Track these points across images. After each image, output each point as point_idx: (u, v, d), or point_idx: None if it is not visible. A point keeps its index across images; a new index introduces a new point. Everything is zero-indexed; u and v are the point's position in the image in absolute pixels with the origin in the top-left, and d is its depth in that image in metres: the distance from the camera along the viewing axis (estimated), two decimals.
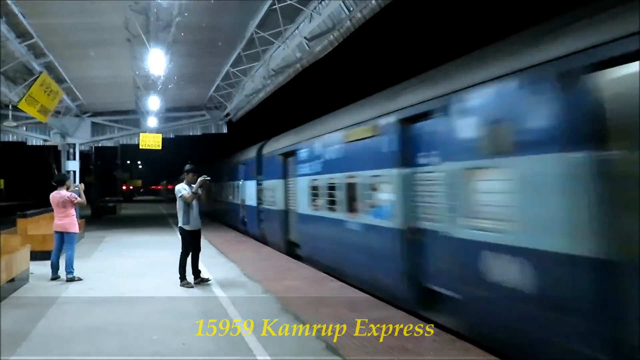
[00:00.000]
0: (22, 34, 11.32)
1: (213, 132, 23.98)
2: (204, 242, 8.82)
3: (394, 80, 7.80)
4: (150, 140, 21.38)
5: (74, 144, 20.64)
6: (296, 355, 4.92)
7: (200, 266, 8.68)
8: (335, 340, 5.33)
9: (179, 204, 8.43)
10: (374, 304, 7.04)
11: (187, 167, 8.59)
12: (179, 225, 8.48)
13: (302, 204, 11.29)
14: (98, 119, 21.66)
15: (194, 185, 8.41)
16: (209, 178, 8.40)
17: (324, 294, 7.67)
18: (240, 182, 18.31)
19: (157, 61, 11.38)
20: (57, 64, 13.62)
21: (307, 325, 5.89)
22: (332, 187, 9.38)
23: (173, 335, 5.54)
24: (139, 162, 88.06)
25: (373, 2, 9.75)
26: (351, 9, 10.45)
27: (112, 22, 10.81)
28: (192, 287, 8.19)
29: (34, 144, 21.96)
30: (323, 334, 5.55)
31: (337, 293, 7.74)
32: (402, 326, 5.81)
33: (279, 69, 15.13)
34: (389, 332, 5.61)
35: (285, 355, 4.89)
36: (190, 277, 8.40)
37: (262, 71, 15.69)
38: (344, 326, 5.83)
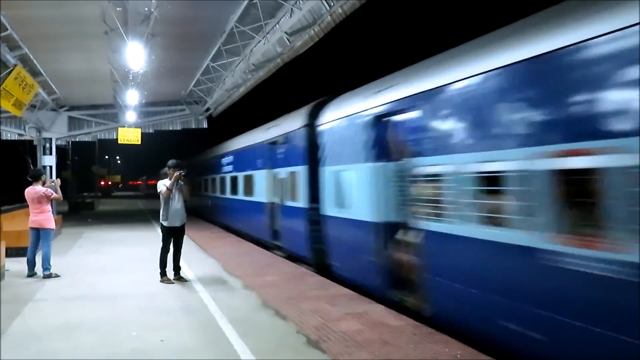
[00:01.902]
0: None
1: (193, 127, 23.79)
2: (184, 238, 8.76)
3: (374, 75, 7.86)
4: (129, 135, 21.07)
5: (50, 139, 20.24)
6: (277, 350, 4.93)
7: (181, 262, 8.62)
8: (315, 334, 5.35)
9: (160, 200, 8.39)
10: (355, 298, 7.09)
11: (170, 162, 8.53)
12: (160, 221, 8.46)
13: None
14: (75, 113, 21.28)
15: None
16: (183, 173, 8.37)
17: (304, 288, 7.69)
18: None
19: (135, 54, 11.20)
20: (32, 56, 13.32)
21: (288, 320, 5.91)
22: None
23: (152, 332, 5.50)
24: (117, 157, 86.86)
25: None
26: (332, 4, 10.44)
27: (89, 14, 10.60)
28: (172, 283, 8.13)
29: (9, 138, 21.49)
30: (303, 328, 5.58)
31: (317, 288, 7.76)
32: (382, 320, 5.87)
33: (259, 64, 15.06)
34: (369, 325, 5.66)
35: (265, 350, 4.90)
36: (170, 273, 8.34)
37: (242, 66, 15.59)
38: (325, 320, 5.87)
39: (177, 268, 8.45)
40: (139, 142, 21.57)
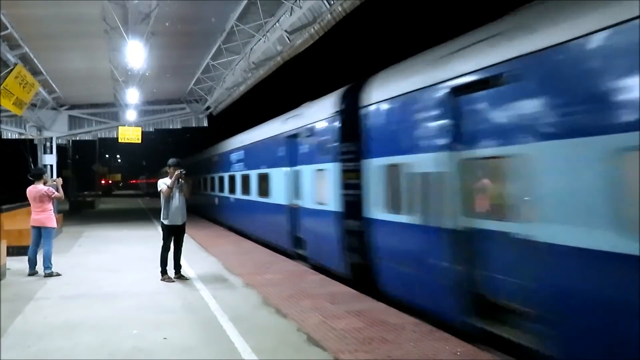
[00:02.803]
0: None
1: (193, 125, 23.80)
2: (185, 237, 8.77)
3: (372, 72, 7.85)
4: (130, 134, 21.09)
5: (51, 138, 20.26)
6: (277, 348, 4.94)
7: (182, 261, 8.63)
8: (316, 332, 5.36)
9: (161, 199, 8.40)
10: (355, 296, 7.10)
11: (170, 161, 8.54)
12: (161, 219, 8.47)
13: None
14: (75, 112, 21.29)
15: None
16: (184, 172, 8.37)
17: (305, 287, 7.71)
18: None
19: (135, 53, 11.20)
20: (33, 55, 13.33)
21: (288, 318, 5.93)
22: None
23: (153, 330, 5.51)
24: (118, 156, 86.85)
25: None
26: (331, 2, 10.43)
27: (89, 13, 10.61)
28: (172, 281, 8.14)
29: (9, 137, 21.50)
30: (304, 326, 5.59)
31: (317, 286, 7.77)
32: (382, 317, 5.88)
33: (259, 62, 15.06)
34: (370, 323, 5.67)
35: (266, 348, 4.91)
36: (171, 271, 8.35)
37: (242, 64, 15.59)
38: (325, 318, 5.88)
39: (177, 266, 8.46)
40: (140, 141, 21.61)
